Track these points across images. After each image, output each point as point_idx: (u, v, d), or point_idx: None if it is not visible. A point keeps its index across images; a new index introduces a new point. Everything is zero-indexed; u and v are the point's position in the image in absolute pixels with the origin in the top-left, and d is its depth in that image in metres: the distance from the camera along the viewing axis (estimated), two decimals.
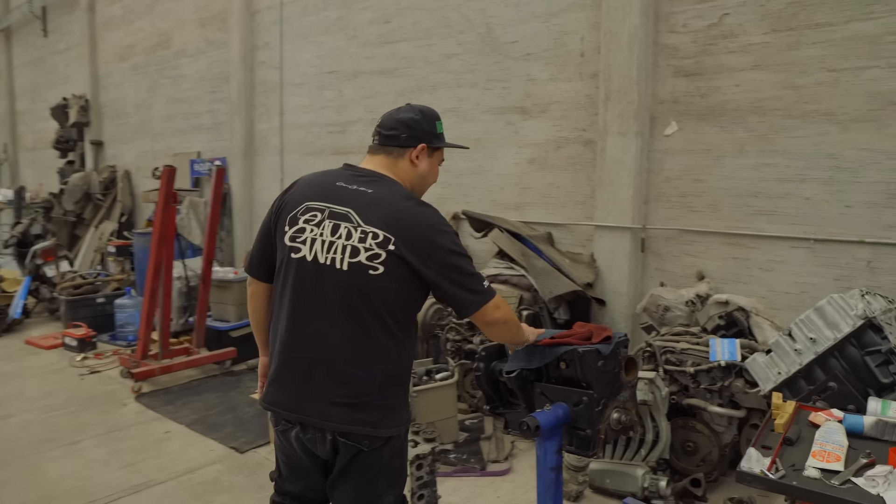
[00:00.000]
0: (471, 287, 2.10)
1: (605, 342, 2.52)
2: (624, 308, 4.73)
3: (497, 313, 2.17)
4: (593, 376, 2.46)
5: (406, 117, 2.25)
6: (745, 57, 4.22)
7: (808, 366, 2.67)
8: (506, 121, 5.56)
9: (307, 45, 7.32)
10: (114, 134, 11.39)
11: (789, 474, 1.73)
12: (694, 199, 4.48)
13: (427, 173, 2.29)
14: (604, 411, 2.47)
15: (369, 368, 2.07)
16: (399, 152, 2.22)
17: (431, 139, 2.25)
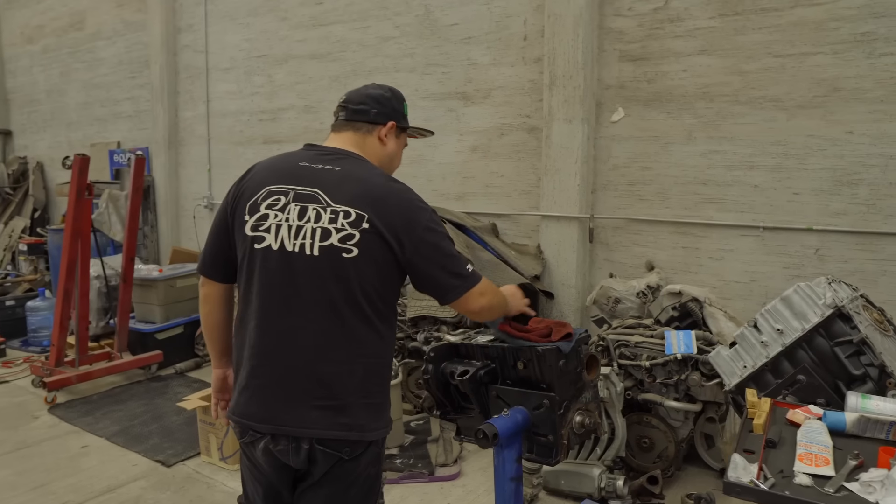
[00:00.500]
0: (453, 270, 1.93)
1: (566, 339, 2.35)
2: (573, 301, 4.60)
3: (482, 300, 2.02)
4: (554, 377, 2.28)
5: (376, 93, 2.10)
6: (691, 42, 4.13)
7: (776, 358, 2.57)
8: (446, 107, 5.33)
9: (234, 28, 6.89)
10: (23, 123, 10.55)
11: (779, 482, 1.58)
12: (642, 188, 4.38)
13: (393, 154, 2.14)
14: (566, 414, 2.29)
15: (349, 364, 1.85)
16: (368, 128, 2.05)
17: (400, 118, 2.12)
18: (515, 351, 2.34)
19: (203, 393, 4.26)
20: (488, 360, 2.45)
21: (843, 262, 3.72)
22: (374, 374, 1.90)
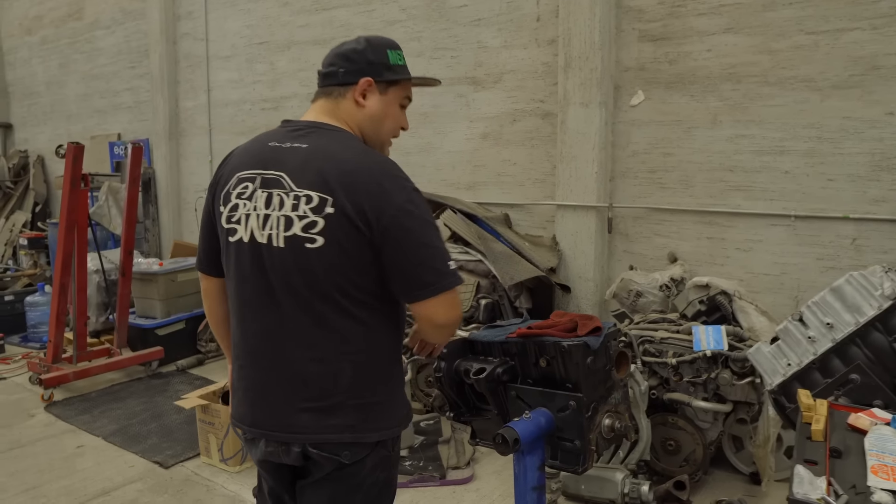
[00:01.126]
0: (428, 262, 1.61)
1: (594, 334, 2.13)
2: (591, 294, 4.38)
3: (452, 313, 1.68)
4: (581, 376, 2.06)
5: (346, 49, 1.79)
6: (716, 19, 3.89)
7: (825, 355, 2.34)
8: (456, 93, 5.11)
9: (235, 14, 6.67)
10: (23, 116, 10.38)
11: (853, 500, 1.37)
12: (664, 175, 4.15)
13: (381, 115, 1.78)
14: (594, 417, 2.08)
15: (333, 363, 1.67)
16: (340, 92, 1.76)
17: (381, 71, 1.76)
18: (538, 347, 2.13)
19: (202, 391, 4.07)
20: (507, 358, 2.24)
21: (882, 252, 3.48)
22: (366, 371, 1.70)
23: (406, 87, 1.84)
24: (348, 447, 1.68)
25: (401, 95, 1.82)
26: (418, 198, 1.66)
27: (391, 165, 1.68)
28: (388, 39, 1.84)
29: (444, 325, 1.70)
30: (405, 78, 1.81)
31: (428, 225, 1.64)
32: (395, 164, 1.69)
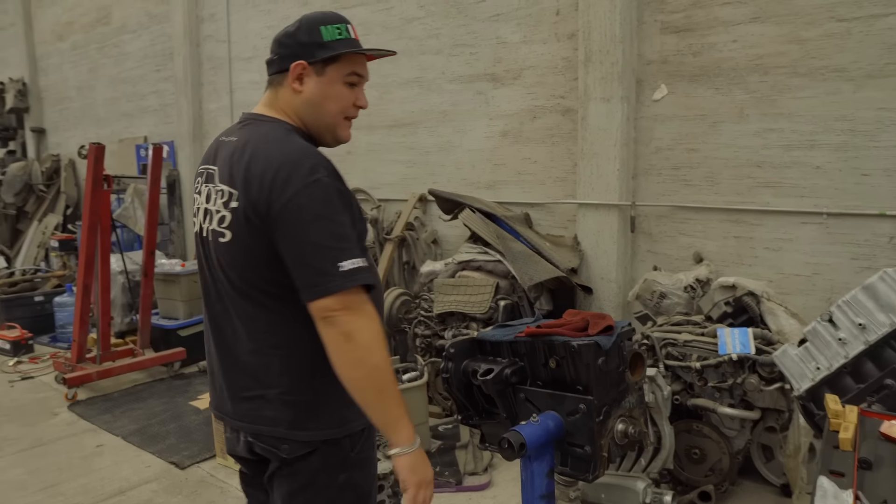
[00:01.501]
0: (309, 261, 1.49)
1: (606, 333, 2.02)
2: (613, 296, 4.24)
3: (339, 317, 1.48)
4: (592, 377, 1.95)
5: (281, 33, 1.71)
6: (742, 8, 3.74)
7: (857, 359, 2.19)
8: (475, 90, 5.01)
9: (256, 15, 6.68)
10: (56, 120, 10.58)
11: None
12: (688, 172, 4.00)
13: (319, 98, 1.67)
14: (606, 422, 1.96)
15: (265, 355, 1.66)
16: (278, 80, 1.70)
17: (314, 51, 1.64)
18: (547, 347, 2.02)
19: None
20: (516, 358, 2.13)
21: None
22: (291, 366, 1.64)
23: (350, 63, 1.68)
24: (287, 442, 1.64)
25: (343, 73, 1.68)
26: (318, 190, 1.51)
27: (301, 155, 1.56)
28: (328, 14, 1.71)
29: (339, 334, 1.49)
30: (342, 52, 1.65)
31: (320, 220, 1.50)
32: (309, 155, 1.57)
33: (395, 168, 5.65)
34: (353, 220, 1.58)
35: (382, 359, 1.51)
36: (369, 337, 1.50)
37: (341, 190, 1.56)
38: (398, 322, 4.73)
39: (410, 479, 1.55)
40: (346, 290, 1.48)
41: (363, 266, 1.51)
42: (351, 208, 1.58)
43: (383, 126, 5.67)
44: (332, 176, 1.56)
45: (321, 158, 1.58)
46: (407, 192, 5.49)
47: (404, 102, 5.50)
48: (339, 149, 1.69)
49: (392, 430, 1.54)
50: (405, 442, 1.53)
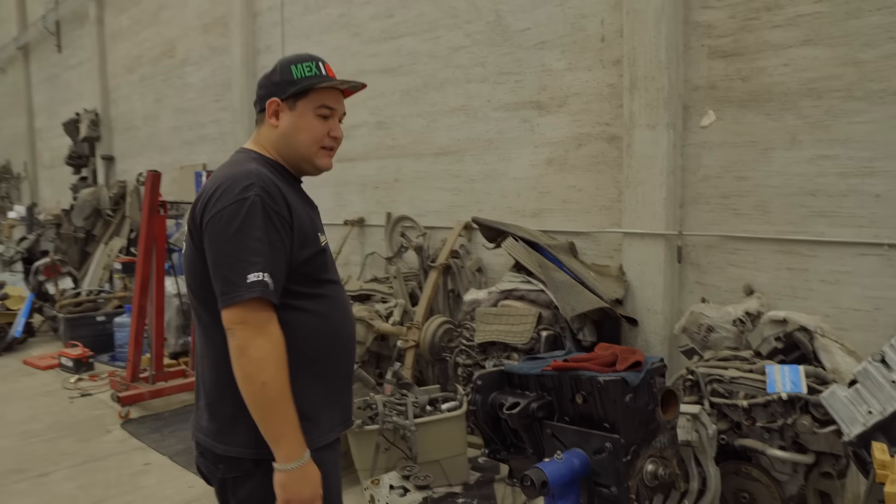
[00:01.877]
0: (221, 271, 1.62)
1: (634, 369, 1.94)
2: (659, 328, 4.10)
3: (237, 330, 1.60)
4: (619, 415, 1.88)
5: (261, 76, 1.92)
6: (793, 31, 3.60)
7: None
8: (520, 118, 4.99)
9: (309, 46, 6.86)
10: (124, 148, 11.11)
11: None
12: (738, 201, 3.85)
13: (291, 130, 1.82)
14: (634, 462, 1.89)
15: (201, 364, 1.83)
16: (260, 118, 1.89)
17: (285, 88, 1.80)
18: (574, 382, 1.96)
19: None
20: (543, 392, 2.08)
21: None
22: (217, 377, 1.74)
23: (320, 97, 1.83)
24: (222, 461, 1.72)
25: (313, 106, 1.82)
26: (243, 207, 1.63)
27: (240, 176, 1.69)
28: (301, 54, 1.87)
29: (235, 348, 1.60)
30: (308, 87, 1.79)
31: (238, 234, 1.61)
32: (248, 176, 1.68)
33: (441, 196, 5.66)
34: (283, 240, 1.67)
35: (272, 377, 1.58)
36: (261, 354, 1.58)
37: (272, 210, 1.66)
38: (440, 350, 4.70)
39: (280, 496, 1.63)
40: (244, 301, 1.58)
41: (265, 281, 1.59)
42: (277, 230, 1.66)
43: (430, 154, 5.71)
44: (267, 196, 1.66)
45: (261, 180, 1.68)
46: (452, 219, 5.49)
47: (450, 130, 5.52)
48: (387, 176, 1.73)
49: (275, 447, 1.62)
50: (283, 459, 1.61)
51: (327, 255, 1.87)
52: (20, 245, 10.24)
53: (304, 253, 1.75)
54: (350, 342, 1.92)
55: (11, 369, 7.16)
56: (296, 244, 1.73)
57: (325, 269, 1.84)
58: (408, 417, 3.77)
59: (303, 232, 1.76)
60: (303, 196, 1.91)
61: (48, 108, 14.32)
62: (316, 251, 1.79)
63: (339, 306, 1.87)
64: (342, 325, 1.86)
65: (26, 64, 15.10)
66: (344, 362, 1.89)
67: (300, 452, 1.63)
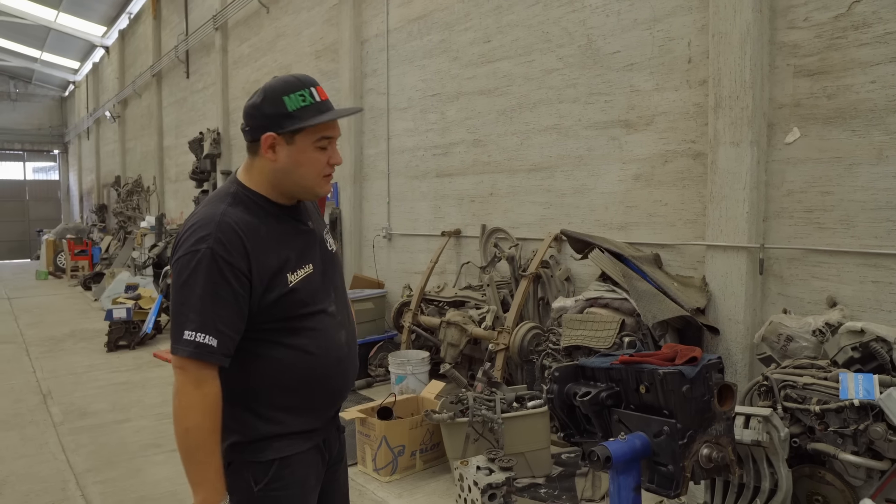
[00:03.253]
0: (172, 320, 1.72)
1: (691, 364, 2.19)
2: (741, 337, 4.22)
3: (176, 375, 1.69)
4: (676, 403, 2.14)
5: (248, 104, 1.82)
6: (881, 48, 3.68)
7: None
8: (609, 136, 5.24)
9: (412, 70, 7.39)
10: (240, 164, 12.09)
11: None
12: (822, 215, 3.94)
13: (291, 166, 1.78)
14: (689, 445, 2.13)
15: None
16: (253, 148, 1.82)
17: (281, 122, 1.74)
18: (637, 374, 2.23)
19: (362, 406, 4.53)
20: (612, 383, 2.36)
21: None
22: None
23: (318, 129, 1.77)
24: None
25: (312, 139, 1.77)
26: (191, 260, 1.68)
27: (200, 225, 1.73)
28: (289, 81, 1.77)
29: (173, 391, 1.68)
30: (307, 125, 1.74)
31: (184, 287, 1.68)
32: (207, 225, 1.72)
33: (534, 209, 5.97)
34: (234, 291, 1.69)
35: (195, 425, 1.65)
36: (188, 403, 1.66)
37: (224, 262, 1.68)
38: (528, 353, 4.99)
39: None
40: (180, 355, 1.66)
41: (198, 342, 1.65)
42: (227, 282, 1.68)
43: (523, 170, 6.04)
44: (220, 248, 1.68)
45: (219, 230, 1.71)
46: (543, 231, 5.78)
47: (543, 148, 5.83)
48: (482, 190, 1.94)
49: (193, 490, 1.69)
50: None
51: (302, 291, 1.82)
52: (151, 251, 11.37)
53: (270, 296, 1.77)
54: (339, 366, 1.92)
55: (144, 361, 8.05)
56: (256, 290, 1.75)
57: (301, 305, 1.82)
58: (496, 411, 4.10)
59: (266, 275, 1.76)
60: (285, 227, 1.86)
61: (175, 128, 15.77)
62: (283, 293, 1.78)
63: (322, 337, 1.87)
64: (325, 355, 1.87)
65: (159, 89, 16.70)
66: (331, 385, 1.92)
67: (216, 499, 1.69)
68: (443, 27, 6.89)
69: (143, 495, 4.19)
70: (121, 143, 20.52)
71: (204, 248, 1.68)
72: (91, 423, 5.65)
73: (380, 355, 6.82)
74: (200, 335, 1.65)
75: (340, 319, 1.96)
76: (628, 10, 4.99)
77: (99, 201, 23.14)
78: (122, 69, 20.19)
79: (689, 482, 2.09)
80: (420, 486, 4.19)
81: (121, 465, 4.71)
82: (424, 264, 6.84)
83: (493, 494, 2.97)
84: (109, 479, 4.45)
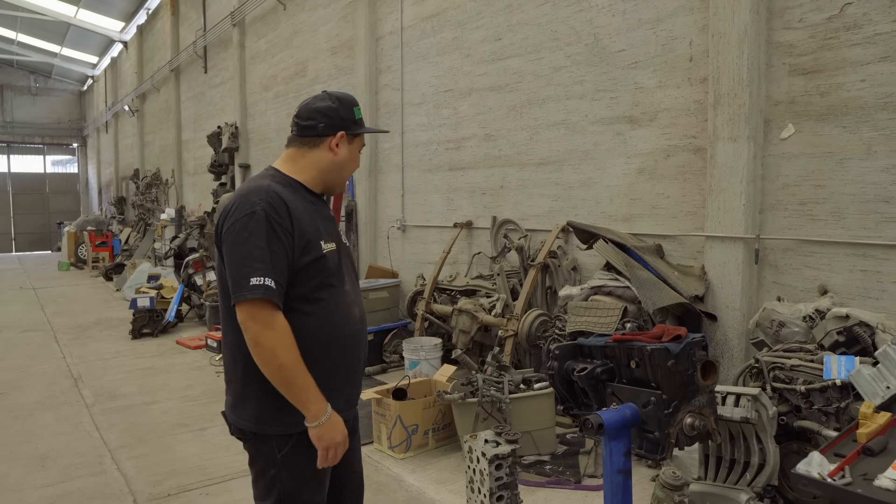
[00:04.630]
0: (233, 274, 1.96)
1: (676, 341, 2.42)
2: (737, 324, 4.44)
3: (251, 326, 1.93)
4: (662, 376, 2.38)
5: (323, 106, 2.20)
6: (871, 49, 3.87)
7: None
8: (614, 131, 5.45)
9: (425, 66, 7.61)
10: (259, 157, 12.40)
11: (857, 482, 1.56)
12: (815, 207, 4.15)
13: (346, 161, 2.23)
14: (674, 414, 2.37)
15: (227, 349, 2.16)
16: (317, 142, 2.18)
17: (350, 125, 2.21)
18: (628, 350, 2.47)
19: (378, 388, 4.80)
20: (607, 360, 2.60)
21: None
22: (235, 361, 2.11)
23: (363, 137, 2.32)
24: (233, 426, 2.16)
25: (360, 145, 2.29)
26: (250, 220, 1.97)
27: (249, 192, 2.04)
28: (352, 97, 2.27)
29: (249, 340, 1.93)
30: (366, 131, 2.29)
31: (244, 242, 1.95)
32: (257, 192, 2.02)
33: (542, 201, 6.20)
34: (284, 248, 1.98)
35: (285, 360, 1.92)
36: (271, 344, 1.92)
37: (275, 221, 1.98)
38: (535, 339, 5.24)
39: (318, 444, 2.01)
40: (250, 300, 1.91)
41: (267, 284, 1.91)
42: (279, 238, 1.98)
43: (532, 163, 6.26)
44: (271, 209, 1.99)
45: (268, 196, 2.01)
46: (551, 223, 6.01)
47: (551, 142, 6.05)
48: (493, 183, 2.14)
49: (303, 410, 1.99)
50: (312, 418, 1.99)
51: (329, 261, 2.10)
52: (172, 243, 11.71)
53: (305, 259, 2.03)
54: (354, 339, 2.17)
55: (167, 347, 8.38)
56: (297, 251, 2.02)
57: (327, 274, 2.09)
58: (504, 392, 4.35)
59: (304, 239, 2.04)
60: (317, 209, 2.18)
61: (194, 121, 16.10)
62: (316, 257, 2.06)
63: (340, 309, 2.12)
64: (343, 325, 2.12)
65: (177, 84, 17.03)
66: (346, 357, 2.16)
67: (324, 409, 2.00)
68: (455, 25, 7.11)
69: (173, 469, 4.48)
70: (139, 137, 20.92)
71: (259, 210, 1.97)
72: (121, 405, 5.96)
73: (394, 342, 7.09)
74: (267, 279, 1.92)
75: (354, 298, 2.24)
76: (633, 10, 5.19)
77: (118, 194, 23.60)
78: (140, 64, 20.57)
79: (673, 447, 2.33)
80: (432, 462, 4.46)
81: (151, 442, 5.01)
82: (437, 255, 7.09)
83: (500, 465, 3.21)
84: (142, 455, 4.75)
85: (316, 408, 1.98)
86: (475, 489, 3.31)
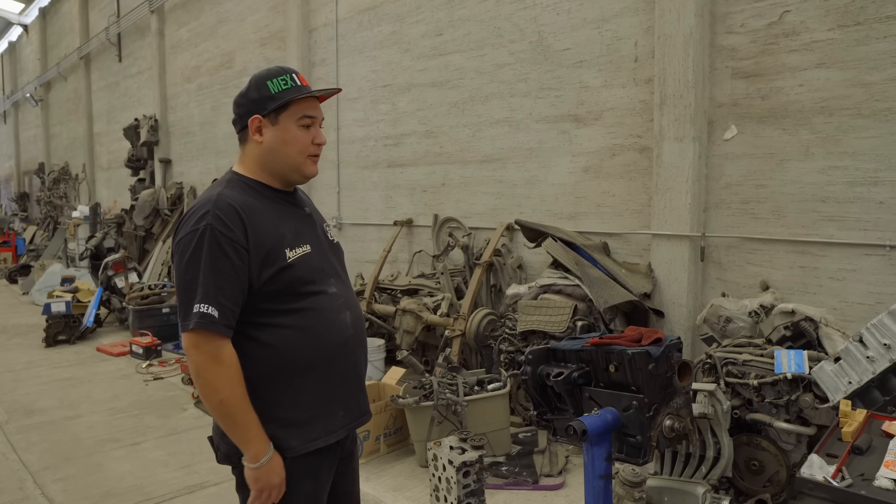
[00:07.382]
0: (179, 299, 1.79)
1: (656, 344, 2.43)
2: (684, 320, 4.56)
3: (191, 354, 1.77)
4: (643, 380, 2.37)
5: (237, 95, 2.00)
6: (808, 55, 4.04)
7: (883, 374, 2.48)
8: (559, 129, 5.48)
9: (362, 60, 7.44)
10: (181, 152, 11.84)
11: (857, 483, 1.59)
12: (756, 206, 4.29)
13: (276, 145, 1.92)
14: (655, 417, 2.37)
15: None
16: (243, 137, 1.98)
17: (265, 104, 1.89)
18: (607, 354, 2.45)
19: None
20: (582, 364, 2.57)
21: None
22: None
23: (301, 107, 1.91)
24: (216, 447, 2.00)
25: (295, 117, 1.91)
26: (192, 239, 1.78)
27: (200, 205, 1.84)
28: (272, 69, 1.94)
29: (191, 371, 1.77)
30: (289, 99, 1.87)
31: (188, 264, 1.77)
32: (207, 204, 1.82)
33: (486, 199, 6.17)
34: (234, 265, 1.78)
35: (227, 394, 1.76)
36: (213, 378, 1.76)
37: (223, 237, 1.77)
38: (484, 339, 5.21)
39: (253, 486, 1.85)
40: (193, 330, 1.74)
41: (208, 313, 1.72)
42: (227, 256, 1.77)
43: (475, 161, 6.22)
44: (219, 224, 1.77)
45: (216, 208, 1.80)
46: (495, 221, 5.99)
47: (495, 140, 6.03)
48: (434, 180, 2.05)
49: (243, 449, 1.83)
50: (251, 459, 1.82)
51: (300, 267, 1.89)
52: (88, 243, 11.02)
53: (268, 271, 1.83)
54: (345, 347, 1.98)
55: (87, 355, 7.86)
56: (255, 265, 1.82)
57: (300, 283, 1.88)
58: (459, 395, 4.29)
59: (263, 250, 1.83)
60: (286, 209, 1.97)
61: (107, 113, 15.21)
62: (280, 268, 1.85)
63: (324, 316, 1.92)
64: (328, 333, 1.93)
65: (87, 72, 16.03)
66: (337, 368, 1.97)
67: (265, 450, 1.82)
68: (394, 19, 6.97)
69: (107, 491, 4.18)
70: (44, 129, 19.60)
71: (203, 226, 1.78)
72: (39, 421, 5.52)
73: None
74: (204, 306, 1.73)
75: (344, 301, 2.01)
76: (578, 9, 5.22)
77: (20, 189, 22.04)
78: (43, 50, 19.26)
79: (654, 451, 2.33)
80: (385, 468, 4.35)
81: (78, 461, 4.66)
82: (376, 253, 6.95)
83: (468, 472, 3.16)
84: (69, 476, 4.40)
85: (256, 448, 1.82)
86: (440, 497, 3.24)
